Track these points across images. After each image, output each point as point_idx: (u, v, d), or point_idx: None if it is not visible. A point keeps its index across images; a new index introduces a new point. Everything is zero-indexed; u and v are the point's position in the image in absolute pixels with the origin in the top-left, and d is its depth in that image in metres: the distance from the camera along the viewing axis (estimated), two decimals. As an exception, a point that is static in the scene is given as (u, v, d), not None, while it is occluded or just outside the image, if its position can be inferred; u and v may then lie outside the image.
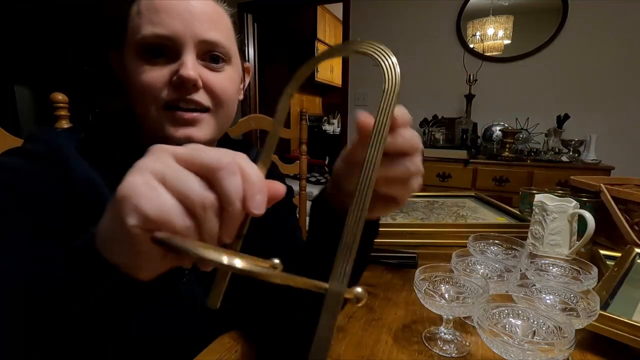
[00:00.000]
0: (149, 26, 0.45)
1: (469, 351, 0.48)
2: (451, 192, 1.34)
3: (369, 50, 0.26)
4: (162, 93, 0.47)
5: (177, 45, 0.46)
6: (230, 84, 0.52)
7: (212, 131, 0.51)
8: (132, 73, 0.48)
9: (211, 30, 0.48)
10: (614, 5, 2.19)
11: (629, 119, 2.25)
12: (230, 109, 0.53)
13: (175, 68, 0.46)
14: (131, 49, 0.48)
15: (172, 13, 0.46)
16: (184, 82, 0.45)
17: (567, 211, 0.71)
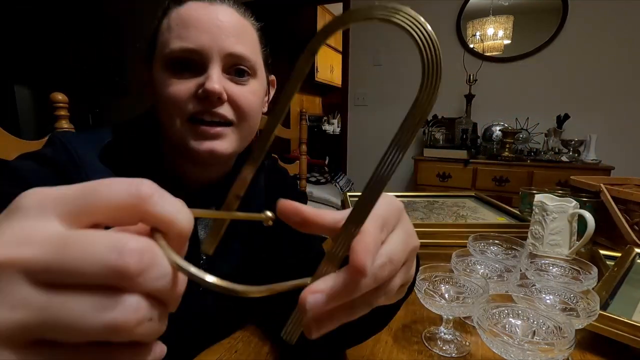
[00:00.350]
0: (177, 40, 0.47)
1: (469, 351, 0.48)
2: (451, 192, 1.34)
3: (397, 19, 0.20)
4: (187, 106, 0.48)
5: (204, 58, 0.47)
6: (254, 97, 0.52)
7: (235, 145, 0.51)
8: (160, 85, 0.49)
9: (237, 44, 0.49)
10: (614, 5, 2.19)
11: (629, 119, 2.25)
12: (254, 123, 0.54)
13: (201, 81, 0.47)
14: (159, 62, 0.49)
15: (200, 27, 0.47)
16: (209, 95, 0.46)
17: (567, 211, 0.71)
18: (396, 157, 0.19)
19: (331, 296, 0.20)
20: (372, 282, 0.21)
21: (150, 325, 0.16)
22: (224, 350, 0.48)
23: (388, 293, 0.23)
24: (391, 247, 0.22)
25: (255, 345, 0.50)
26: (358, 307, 0.22)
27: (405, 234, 0.24)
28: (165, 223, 0.17)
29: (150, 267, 0.16)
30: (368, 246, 0.20)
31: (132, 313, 0.15)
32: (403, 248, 0.23)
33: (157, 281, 0.16)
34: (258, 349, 0.49)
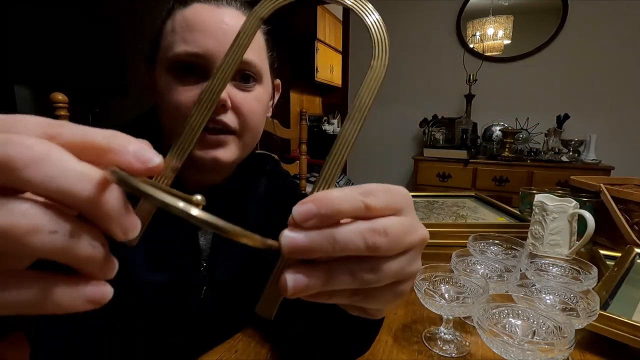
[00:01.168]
0: (182, 44, 0.46)
1: (469, 351, 0.48)
2: (451, 192, 1.34)
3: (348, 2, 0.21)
4: (190, 110, 0.46)
5: (209, 63, 0.46)
6: (259, 104, 0.51)
7: (238, 152, 0.51)
8: (163, 89, 0.48)
9: None
10: (614, 5, 2.19)
11: (629, 119, 2.26)
12: (257, 130, 0.53)
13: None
14: (163, 65, 0.48)
15: (205, 31, 0.46)
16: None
17: (567, 211, 0.71)
18: (359, 120, 0.21)
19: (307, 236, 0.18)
20: (355, 239, 0.19)
21: (54, 238, 0.14)
22: (224, 350, 0.49)
23: (379, 274, 0.20)
24: (390, 221, 0.20)
25: (255, 346, 0.50)
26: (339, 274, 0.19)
27: (412, 220, 0.22)
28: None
29: (40, 160, 0.14)
30: (326, 192, 0.19)
31: (19, 217, 0.14)
32: (406, 230, 0.21)
33: (54, 180, 0.14)
34: (258, 349, 0.49)
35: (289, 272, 0.19)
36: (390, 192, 0.21)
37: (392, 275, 0.21)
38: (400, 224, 0.20)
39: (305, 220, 0.18)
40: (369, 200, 0.19)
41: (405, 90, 2.78)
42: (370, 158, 2.95)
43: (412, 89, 2.76)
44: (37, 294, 0.16)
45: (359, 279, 0.20)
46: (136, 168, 0.16)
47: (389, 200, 0.21)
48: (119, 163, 0.16)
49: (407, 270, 0.22)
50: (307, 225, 0.18)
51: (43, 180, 0.14)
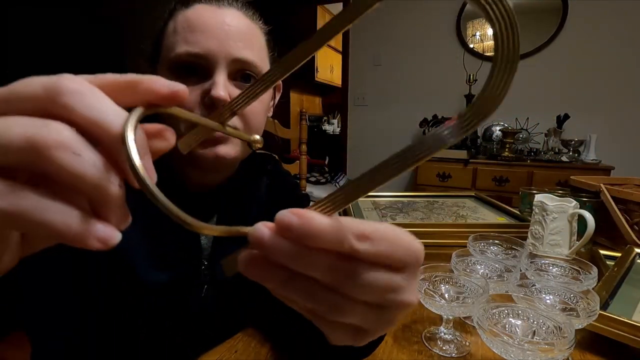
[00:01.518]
0: (184, 44, 0.46)
1: (469, 351, 0.48)
2: (451, 192, 1.34)
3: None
4: (193, 111, 0.47)
5: (210, 64, 0.46)
6: (260, 104, 0.52)
7: (238, 150, 0.51)
8: None
9: (244, 49, 0.48)
10: (614, 5, 2.19)
11: (629, 119, 2.25)
12: (258, 129, 0.53)
13: (207, 87, 0.47)
14: (164, 65, 0.48)
15: (207, 32, 0.46)
16: (215, 102, 0.46)
17: (567, 211, 0.71)
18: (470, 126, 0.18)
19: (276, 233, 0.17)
20: (320, 273, 0.18)
21: (77, 160, 0.16)
22: (224, 350, 0.49)
23: (338, 313, 0.19)
24: (375, 276, 0.18)
25: (255, 346, 0.50)
26: (298, 286, 0.18)
27: (405, 283, 0.19)
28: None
29: (83, 92, 0.16)
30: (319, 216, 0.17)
31: (53, 132, 0.15)
32: (391, 288, 0.19)
33: (91, 110, 0.16)
34: (258, 349, 0.49)
35: (248, 253, 0.18)
36: (394, 244, 0.18)
37: (355, 321, 0.20)
38: (386, 282, 0.18)
39: (281, 229, 0.17)
40: (359, 245, 0.17)
41: (405, 90, 2.78)
42: (370, 158, 2.95)
43: (412, 89, 2.76)
44: (58, 211, 0.16)
45: (317, 304, 0.19)
46: (164, 93, 0.19)
47: (386, 252, 0.18)
48: (152, 90, 0.18)
49: (373, 327, 0.20)
50: (282, 234, 0.17)
51: (82, 108, 0.16)
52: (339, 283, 0.18)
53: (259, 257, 0.18)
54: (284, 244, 0.17)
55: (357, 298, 0.19)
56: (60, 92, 0.16)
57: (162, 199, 0.16)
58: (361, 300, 0.19)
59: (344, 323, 0.20)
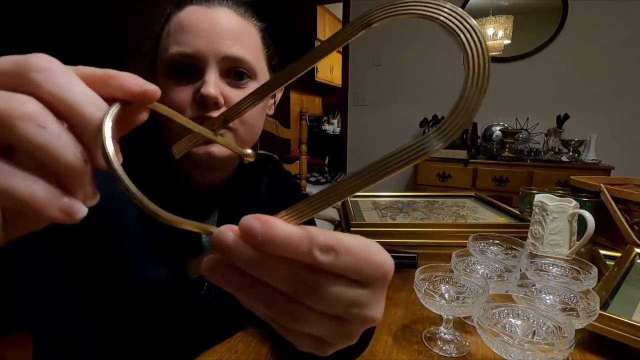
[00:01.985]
0: (175, 46, 0.47)
1: (469, 351, 0.48)
2: (451, 192, 1.34)
3: (441, 17, 0.18)
4: (186, 112, 0.48)
5: (201, 63, 0.47)
6: None
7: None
8: (162, 91, 0.48)
9: (235, 46, 0.48)
10: (614, 5, 2.19)
11: (629, 119, 2.25)
12: (253, 126, 0.53)
13: (198, 86, 0.47)
14: (160, 68, 0.50)
15: (197, 32, 0.47)
16: (205, 100, 0.46)
17: (567, 211, 0.71)
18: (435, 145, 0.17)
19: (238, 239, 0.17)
20: (278, 281, 0.17)
21: (41, 132, 0.16)
22: (224, 350, 0.49)
23: (298, 324, 0.19)
24: (337, 291, 0.18)
25: (255, 345, 0.50)
26: (257, 294, 0.18)
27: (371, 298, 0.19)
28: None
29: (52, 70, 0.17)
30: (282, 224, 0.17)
31: (17, 104, 0.16)
32: (353, 302, 0.18)
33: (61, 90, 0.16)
34: (258, 349, 0.49)
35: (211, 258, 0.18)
36: (361, 258, 0.18)
37: (315, 331, 0.19)
38: (349, 297, 0.18)
39: (244, 233, 0.17)
40: (323, 257, 0.17)
41: (405, 90, 2.78)
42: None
43: (412, 89, 2.76)
44: (23, 179, 0.16)
45: (276, 313, 0.19)
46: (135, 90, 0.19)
47: (352, 266, 0.18)
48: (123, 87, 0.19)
49: (331, 336, 0.20)
50: (245, 238, 0.17)
51: (50, 85, 0.16)
52: (300, 294, 0.18)
53: (222, 261, 0.18)
54: (245, 249, 0.17)
55: (318, 310, 0.18)
56: (30, 69, 0.16)
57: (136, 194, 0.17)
58: (323, 313, 0.18)
59: (304, 333, 0.19)
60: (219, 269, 0.18)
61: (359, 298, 0.19)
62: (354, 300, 0.18)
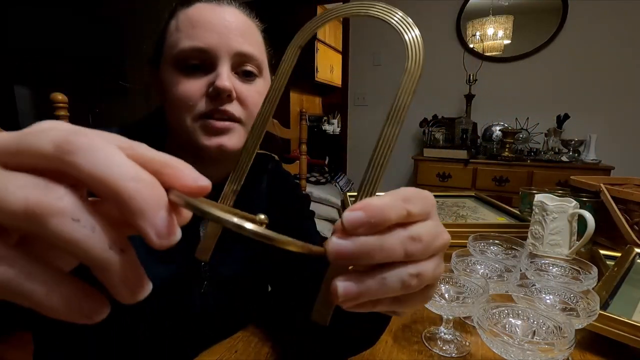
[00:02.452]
0: (187, 40, 0.48)
1: (469, 351, 0.48)
2: (451, 192, 1.34)
3: (387, 17, 0.21)
4: (198, 104, 0.48)
5: (213, 57, 0.48)
6: (261, 96, 0.53)
7: (241, 141, 0.52)
8: (170, 85, 0.49)
9: (245, 44, 0.50)
10: (614, 5, 2.19)
11: (629, 119, 2.25)
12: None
13: (211, 79, 0.48)
14: (168, 62, 0.50)
15: (209, 27, 0.48)
16: (220, 93, 0.47)
17: (567, 211, 0.71)
18: (395, 129, 0.22)
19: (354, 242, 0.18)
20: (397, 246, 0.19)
21: (75, 227, 0.15)
22: (224, 350, 0.49)
23: (421, 279, 0.20)
24: (423, 228, 0.21)
25: (255, 345, 0.50)
26: (391, 282, 0.20)
27: (438, 224, 0.22)
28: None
29: (94, 149, 0.15)
30: (375, 199, 0.20)
31: (54, 198, 0.15)
32: (434, 234, 0.21)
33: (101, 169, 0.15)
34: (258, 349, 0.49)
35: (340, 279, 0.19)
36: (424, 198, 0.21)
37: (429, 279, 0.21)
38: (430, 230, 0.21)
39: (356, 228, 0.18)
40: (410, 207, 0.20)
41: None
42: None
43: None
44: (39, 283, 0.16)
45: (406, 285, 0.20)
46: (189, 186, 0.17)
47: (423, 206, 0.21)
48: (177, 178, 0.17)
49: (437, 273, 0.22)
50: (356, 232, 0.18)
51: (90, 167, 0.15)
52: (412, 250, 0.20)
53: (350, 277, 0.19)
54: (364, 241, 0.18)
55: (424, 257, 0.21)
56: (69, 151, 0.15)
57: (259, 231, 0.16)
58: (431, 256, 0.21)
59: (420, 291, 0.21)
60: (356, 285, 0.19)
61: (437, 229, 0.22)
62: (437, 232, 0.21)
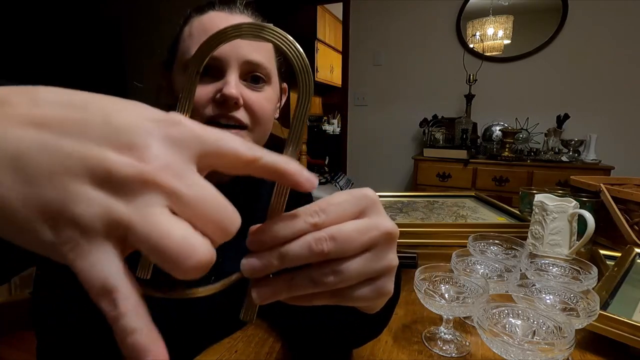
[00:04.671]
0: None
1: (469, 351, 0.48)
2: (451, 192, 1.34)
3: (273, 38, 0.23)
4: (206, 109, 0.50)
5: (223, 64, 0.49)
6: (268, 103, 0.55)
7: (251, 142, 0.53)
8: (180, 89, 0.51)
9: (254, 52, 0.51)
10: (614, 5, 2.19)
11: (629, 119, 2.25)
12: (267, 127, 0.56)
13: (219, 86, 0.49)
14: (180, 67, 0.52)
15: None
16: (227, 100, 0.48)
17: (567, 211, 0.71)
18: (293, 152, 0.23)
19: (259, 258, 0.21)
20: (301, 250, 0.21)
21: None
22: (224, 350, 0.48)
23: (341, 275, 0.22)
24: (337, 227, 0.22)
25: (255, 345, 0.50)
26: (299, 281, 0.22)
27: (368, 220, 0.23)
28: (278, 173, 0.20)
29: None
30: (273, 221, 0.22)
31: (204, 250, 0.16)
32: (361, 230, 0.22)
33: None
34: (258, 349, 0.49)
35: (255, 285, 0.22)
36: (345, 202, 0.23)
37: (357, 274, 0.22)
38: (353, 227, 0.22)
39: (256, 249, 0.22)
40: (315, 219, 0.21)
41: (405, 90, 2.78)
42: (370, 158, 2.95)
43: (412, 89, 2.76)
44: None
45: (321, 282, 0.22)
46: (306, 188, 0.20)
47: (341, 211, 0.22)
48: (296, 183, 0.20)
49: (374, 267, 0.23)
50: (260, 250, 0.22)
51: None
52: (320, 250, 0.21)
53: (263, 283, 0.22)
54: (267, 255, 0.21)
55: (345, 253, 0.22)
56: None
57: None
58: (352, 254, 0.22)
59: (361, 284, 0.23)
60: (266, 289, 0.22)
61: (368, 225, 0.23)
62: (366, 228, 0.23)
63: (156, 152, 0.15)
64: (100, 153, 0.15)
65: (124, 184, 0.15)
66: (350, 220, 0.22)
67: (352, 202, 0.23)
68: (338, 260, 0.22)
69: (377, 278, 0.24)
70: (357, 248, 0.22)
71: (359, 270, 0.22)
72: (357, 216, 0.23)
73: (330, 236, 0.21)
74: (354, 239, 0.22)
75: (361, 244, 0.22)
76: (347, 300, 0.23)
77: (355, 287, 0.23)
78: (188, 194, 0.16)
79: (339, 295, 0.23)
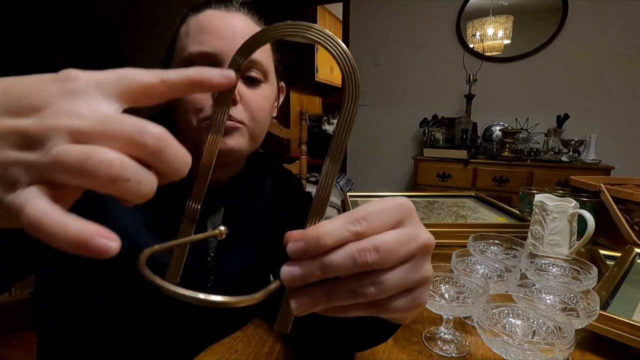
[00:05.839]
0: (195, 45, 0.49)
1: (469, 351, 0.48)
2: (451, 192, 1.34)
3: (319, 39, 0.22)
4: (204, 106, 0.50)
5: (220, 62, 0.49)
6: (265, 101, 0.54)
7: (246, 143, 0.53)
8: None
9: None
10: (614, 5, 2.19)
11: (629, 119, 2.25)
12: (264, 125, 0.56)
13: None
14: (178, 65, 0.52)
15: (216, 33, 0.50)
16: None
17: (567, 211, 0.71)
18: (333, 168, 0.22)
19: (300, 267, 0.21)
20: (344, 261, 0.21)
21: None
22: (224, 350, 0.48)
23: (381, 286, 0.22)
24: (382, 237, 0.21)
25: (255, 345, 0.50)
26: (339, 292, 0.22)
27: (407, 231, 0.23)
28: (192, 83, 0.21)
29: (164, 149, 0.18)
30: (315, 227, 0.21)
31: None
32: (401, 241, 0.22)
33: (170, 163, 0.18)
34: (258, 349, 0.49)
35: (292, 295, 0.22)
36: (384, 211, 0.22)
37: (396, 285, 0.22)
38: (394, 237, 0.22)
39: (299, 256, 0.21)
40: (357, 228, 0.21)
41: (405, 90, 2.78)
42: (370, 158, 2.95)
43: (412, 89, 2.76)
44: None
45: (360, 294, 0.21)
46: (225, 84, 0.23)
47: (381, 220, 0.22)
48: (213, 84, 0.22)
49: (412, 278, 0.23)
50: (301, 258, 0.21)
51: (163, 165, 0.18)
52: (363, 262, 0.21)
53: (302, 292, 0.21)
54: (309, 264, 0.21)
55: (386, 264, 0.22)
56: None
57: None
58: (392, 266, 0.22)
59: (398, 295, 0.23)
60: (305, 299, 0.21)
61: (408, 235, 0.23)
62: (406, 239, 0.23)
63: (57, 106, 0.17)
64: (6, 122, 0.17)
65: (34, 139, 0.17)
66: (388, 229, 0.22)
67: (391, 211, 0.22)
68: (378, 272, 0.21)
69: (413, 289, 0.23)
70: (397, 259, 0.22)
71: (398, 281, 0.22)
72: (395, 225, 0.23)
73: (374, 247, 0.21)
74: (396, 250, 0.22)
75: (402, 255, 0.22)
76: (385, 312, 0.23)
77: (392, 298, 0.23)
78: (88, 125, 0.17)
79: (377, 306, 0.23)
